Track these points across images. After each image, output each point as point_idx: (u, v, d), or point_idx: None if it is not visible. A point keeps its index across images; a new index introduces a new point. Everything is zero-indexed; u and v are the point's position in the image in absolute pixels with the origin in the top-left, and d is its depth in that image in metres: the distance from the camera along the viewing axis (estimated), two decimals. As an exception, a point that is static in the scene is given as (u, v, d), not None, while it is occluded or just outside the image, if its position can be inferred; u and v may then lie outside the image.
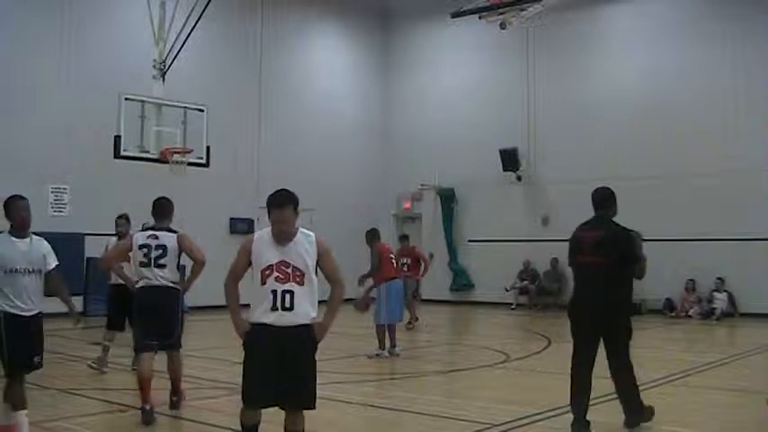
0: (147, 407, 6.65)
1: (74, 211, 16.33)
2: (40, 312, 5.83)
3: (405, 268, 14.70)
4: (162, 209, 7.17)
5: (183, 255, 7.12)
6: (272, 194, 4.76)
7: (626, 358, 6.42)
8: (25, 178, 15.65)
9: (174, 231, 7.11)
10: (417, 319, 15.38)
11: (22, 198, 5.80)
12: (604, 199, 6.63)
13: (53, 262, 5.96)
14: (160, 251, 6.90)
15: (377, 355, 10.83)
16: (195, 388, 8.11)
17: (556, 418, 6.97)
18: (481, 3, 18.02)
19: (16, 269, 5.67)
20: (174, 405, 7.22)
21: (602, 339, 6.43)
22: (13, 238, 5.78)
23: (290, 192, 4.79)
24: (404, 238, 15.99)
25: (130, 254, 7.09)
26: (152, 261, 6.90)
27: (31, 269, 5.74)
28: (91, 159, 15.90)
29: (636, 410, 6.43)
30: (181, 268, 7.19)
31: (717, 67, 18.09)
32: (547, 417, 6.96)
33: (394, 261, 11.36)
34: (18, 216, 5.76)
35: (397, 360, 10.69)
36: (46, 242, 6.00)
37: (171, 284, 6.95)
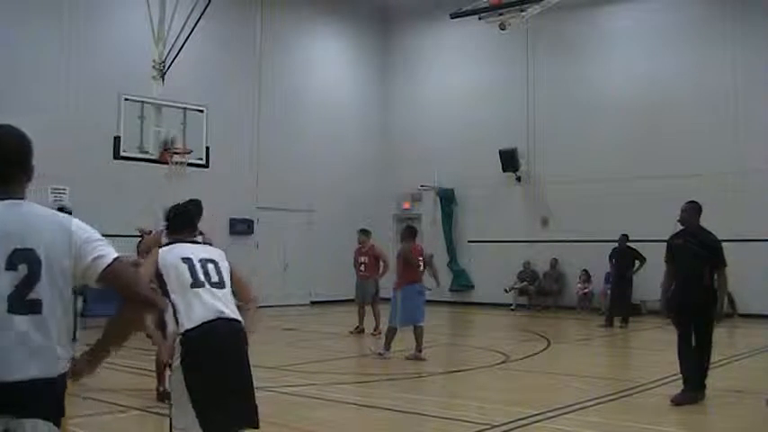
0: (162, 388, 7.45)
1: (73, 211, 16.31)
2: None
3: (362, 268, 13.77)
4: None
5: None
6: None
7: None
8: (25, 178, 15.70)
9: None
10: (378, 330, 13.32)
11: None
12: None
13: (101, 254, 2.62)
14: None
15: (380, 354, 10.74)
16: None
17: (555, 418, 6.96)
18: (481, 4, 18.03)
19: None
20: (163, 397, 7.53)
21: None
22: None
23: None
24: (363, 233, 14.22)
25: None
26: None
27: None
28: (91, 160, 15.89)
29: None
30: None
31: (717, 67, 18.09)
32: (546, 417, 6.96)
33: (421, 264, 10.85)
34: None
35: (397, 360, 10.64)
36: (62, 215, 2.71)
37: None
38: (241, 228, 19.33)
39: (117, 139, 13.64)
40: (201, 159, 14.75)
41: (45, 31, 16.35)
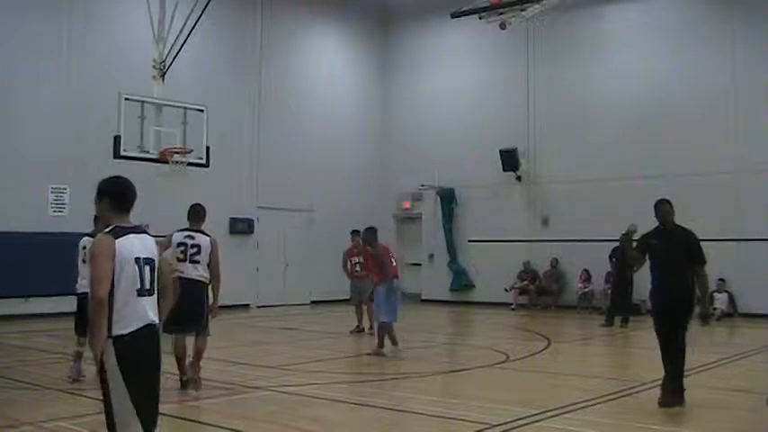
0: (184, 378, 8.04)
1: (74, 211, 16.32)
2: None
3: (357, 267, 14.00)
4: (196, 214, 8.45)
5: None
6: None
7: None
8: (25, 178, 15.70)
9: (208, 234, 8.29)
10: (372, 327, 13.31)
11: None
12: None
13: None
14: (195, 249, 8.09)
15: (393, 354, 10.80)
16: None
17: (555, 418, 6.96)
18: (481, 3, 18.00)
19: None
20: (185, 385, 8.05)
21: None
22: None
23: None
24: (356, 233, 14.27)
25: (167, 251, 7.94)
26: (188, 257, 8.06)
27: None
28: (91, 159, 15.88)
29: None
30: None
31: (716, 67, 18.09)
32: (546, 417, 6.96)
33: (394, 260, 11.20)
34: None
35: (397, 360, 10.66)
36: None
37: (201, 279, 8.06)
38: (241, 227, 19.35)
39: (117, 139, 13.62)
40: (202, 159, 14.74)
41: (45, 31, 16.35)
